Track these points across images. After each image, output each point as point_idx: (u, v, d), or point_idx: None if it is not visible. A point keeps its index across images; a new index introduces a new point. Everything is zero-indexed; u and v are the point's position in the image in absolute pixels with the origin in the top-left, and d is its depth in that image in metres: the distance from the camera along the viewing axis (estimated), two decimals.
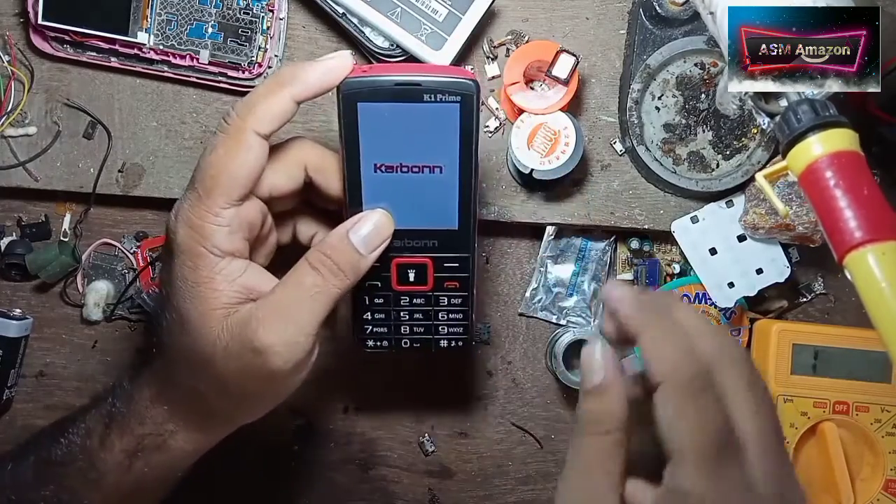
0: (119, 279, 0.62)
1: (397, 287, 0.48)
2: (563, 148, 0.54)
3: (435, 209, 0.46)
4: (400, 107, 0.43)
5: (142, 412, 0.47)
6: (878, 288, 0.33)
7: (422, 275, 0.47)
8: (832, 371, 0.60)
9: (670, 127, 0.58)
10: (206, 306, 0.42)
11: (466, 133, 0.44)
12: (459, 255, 0.47)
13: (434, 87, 0.43)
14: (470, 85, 0.43)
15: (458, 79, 0.43)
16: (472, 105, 0.43)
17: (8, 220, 0.62)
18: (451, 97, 0.43)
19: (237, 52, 0.55)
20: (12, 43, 0.57)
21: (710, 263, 0.59)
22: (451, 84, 0.43)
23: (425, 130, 0.43)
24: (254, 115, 0.42)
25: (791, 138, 0.37)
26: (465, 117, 0.43)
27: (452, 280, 0.48)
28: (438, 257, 0.47)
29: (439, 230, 0.46)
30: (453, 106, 0.43)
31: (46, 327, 0.63)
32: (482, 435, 0.64)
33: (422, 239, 0.46)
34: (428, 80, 0.43)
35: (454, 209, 0.46)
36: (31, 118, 0.58)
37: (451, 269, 0.47)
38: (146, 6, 0.54)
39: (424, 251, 0.47)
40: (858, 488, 0.61)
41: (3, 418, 0.63)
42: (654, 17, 0.56)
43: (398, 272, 0.47)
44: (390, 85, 0.42)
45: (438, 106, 0.43)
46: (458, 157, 0.44)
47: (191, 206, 0.42)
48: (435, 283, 0.48)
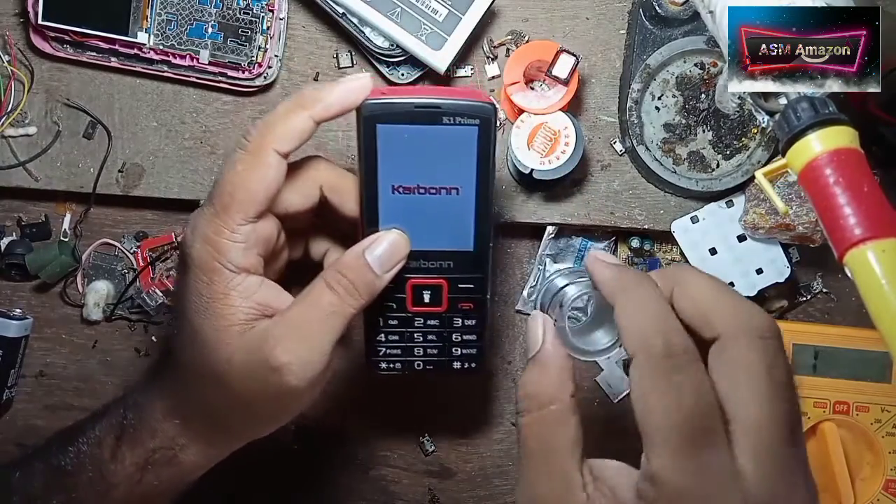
0: (119, 279, 0.62)
1: (412, 308, 0.48)
2: (563, 148, 0.54)
3: (451, 230, 0.46)
4: (419, 129, 0.43)
5: (153, 425, 0.47)
6: (878, 285, 0.33)
7: (437, 296, 0.48)
8: (832, 371, 0.60)
9: (670, 127, 0.58)
10: (221, 322, 0.42)
11: (484, 156, 0.44)
12: (474, 276, 0.48)
13: (453, 110, 0.43)
14: (488, 108, 0.43)
15: (477, 102, 0.43)
16: (490, 128, 0.43)
17: (8, 220, 0.62)
18: (470, 120, 0.43)
19: (237, 52, 0.55)
20: (12, 43, 0.57)
21: (710, 263, 0.59)
22: (470, 107, 0.43)
23: (443, 153, 0.44)
24: (273, 134, 0.42)
25: (791, 136, 0.37)
26: (483, 140, 0.44)
27: (467, 301, 0.48)
28: (453, 278, 0.47)
29: (455, 251, 0.47)
30: (471, 129, 0.43)
31: (46, 327, 0.63)
32: (482, 435, 0.64)
33: (437, 260, 0.47)
34: (447, 103, 0.43)
35: (470, 230, 0.46)
36: (31, 118, 0.58)
37: (465, 290, 0.48)
38: (146, 6, 0.54)
39: (440, 272, 0.47)
40: (858, 488, 0.61)
41: (3, 418, 0.63)
42: (654, 17, 0.56)
43: (413, 293, 0.47)
44: (410, 107, 0.43)
45: (457, 129, 0.43)
46: (475, 179, 0.45)
47: (207, 222, 0.42)
48: (450, 305, 0.48)
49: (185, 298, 0.43)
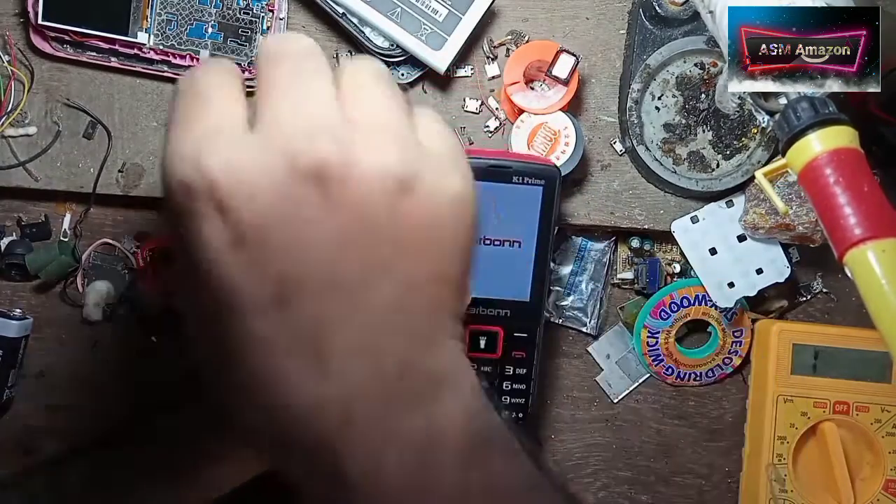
0: (119, 279, 0.62)
1: (469, 354, 0.49)
2: (563, 148, 0.54)
3: (510, 281, 0.49)
4: (490, 185, 0.47)
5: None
6: (878, 285, 0.33)
7: (492, 343, 0.50)
8: (832, 371, 0.60)
9: (670, 127, 0.58)
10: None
11: (546, 214, 0.48)
12: (529, 325, 0.50)
13: (523, 170, 0.48)
14: (554, 171, 0.48)
15: (544, 165, 0.49)
16: (553, 189, 0.48)
17: (8, 220, 0.62)
18: (537, 180, 0.48)
19: (237, 53, 0.55)
20: (12, 43, 0.57)
21: (710, 263, 0.59)
22: (537, 170, 0.48)
23: (510, 208, 0.48)
24: None
25: (791, 136, 0.37)
26: (547, 199, 0.48)
27: (520, 350, 0.51)
28: (509, 327, 0.50)
29: (512, 301, 0.49)
30: (537, 188, 0.48)
31: (46, 327, 0.63)
32: None
33: (495, 308, 0.50)
34: (518, 164, 0.48)
35: (527, 282, 0.49)
36: (31, 118, 0.58)
37: (520, 339, 0.50)
38: (146, 6, 0.54)
39: (496, 321, 0.50)
40: (858, 488, 0.61)
41: (4, 418, 0.63)
42: (654, 17, 0.56)
43: (471, 339, 0.50)
44: (484, 166, 0.48)
45: (525, 188, 0.48)
46: (536, 233, 0.48)
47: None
48: (504, 352, 0.50)
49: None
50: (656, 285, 0.61)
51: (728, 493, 0.65)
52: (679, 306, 0.61)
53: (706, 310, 0.61)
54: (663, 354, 0.62)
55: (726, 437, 0.65)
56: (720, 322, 0.62)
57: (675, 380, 0.63)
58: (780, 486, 0.60)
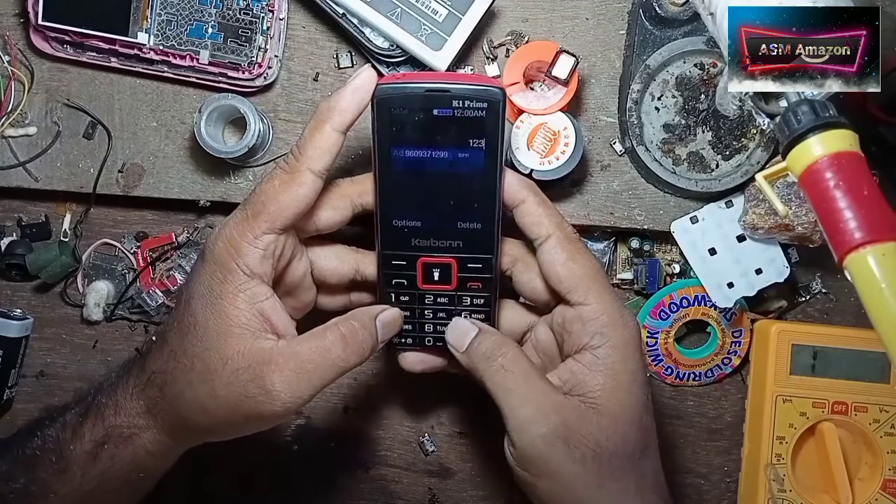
0: (119, 279, 0.62)
1: (423, 286, 0.50)
2: (562, 148, 0.54)
3: (460, 210, 0.48)
4: (430, 111, 0.45)
5: (120, 401, 0.48)
6: (877, 289, 0.33)
7: (446, 274, 0.50)
8: (831, 371, 0.60)
9: (670, 127, 0.58)
10: (224, 321, 0.45)
11: (492, 138, 0.46)
12: (483, 255, 0.49)
13: (463, 93, 0.45)
14: (497, 92, 0.45)
15: (486, 86, 0.45)
16: (498, 111, 0.45)
17: (8, 220, 0.62)
18: (479, 103, 0.45)
19: (237, 53, 0.55)
20: (12, 43, 0.57)
21: (710, 264, 0.59)
22: (479, 91, 0.45)
23: (454, 135, 0.46)
24: (305, 156, 0.45)
25: (791, 139, 0.37)
26: (492, 123, 0.45)
27: (475, 280, 0.50)
28: (462, 257, 0.49)
29: (464, 230, 0.48)
30: (481, 112, 0.45)
31: (47, 327, 0.63)
32: (482, 435, 0.65)
33: (447, 239, 0.49)
34: (457, 87, 0.45)
35: (479, 210, 0.48)
36: (31, 118, 0.58)
37: (474, 269, 0.49)
38: (146, 6, 0.54)
39: (449, 251, 0.49)
40: (857, 488, 0.61)
41: (4, 418, 0.64)
42: (654, 17, 0.56)
43: (423, 271, 0.49)
44: (421, 91, 0.45)
45: (467, 111, 0.45)
46: (483, 160, 0.46)
47: (235, 224, 0.46)
48: (458, 283, 0.50)
49: (196, 291, 0.46)
50: (656, 285, 0.61)
51: (727, 492, 0.65)
52: (678, 306, 0.61)
53: (705, 310, 0.61)
54: (663, 354, 0.62)
55: (725, 436, 0.65)
56: (719, 322, 0.62)
57: (675, 380, 0.64)
58: (778, 485, 0.60)
